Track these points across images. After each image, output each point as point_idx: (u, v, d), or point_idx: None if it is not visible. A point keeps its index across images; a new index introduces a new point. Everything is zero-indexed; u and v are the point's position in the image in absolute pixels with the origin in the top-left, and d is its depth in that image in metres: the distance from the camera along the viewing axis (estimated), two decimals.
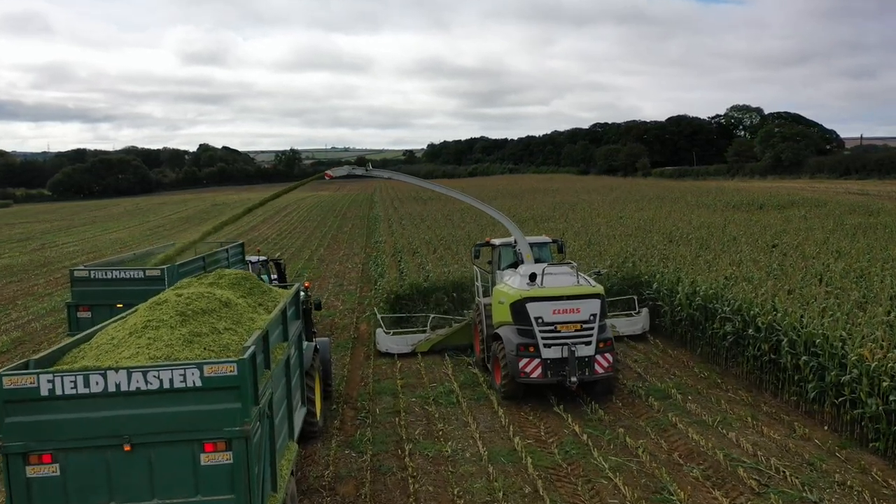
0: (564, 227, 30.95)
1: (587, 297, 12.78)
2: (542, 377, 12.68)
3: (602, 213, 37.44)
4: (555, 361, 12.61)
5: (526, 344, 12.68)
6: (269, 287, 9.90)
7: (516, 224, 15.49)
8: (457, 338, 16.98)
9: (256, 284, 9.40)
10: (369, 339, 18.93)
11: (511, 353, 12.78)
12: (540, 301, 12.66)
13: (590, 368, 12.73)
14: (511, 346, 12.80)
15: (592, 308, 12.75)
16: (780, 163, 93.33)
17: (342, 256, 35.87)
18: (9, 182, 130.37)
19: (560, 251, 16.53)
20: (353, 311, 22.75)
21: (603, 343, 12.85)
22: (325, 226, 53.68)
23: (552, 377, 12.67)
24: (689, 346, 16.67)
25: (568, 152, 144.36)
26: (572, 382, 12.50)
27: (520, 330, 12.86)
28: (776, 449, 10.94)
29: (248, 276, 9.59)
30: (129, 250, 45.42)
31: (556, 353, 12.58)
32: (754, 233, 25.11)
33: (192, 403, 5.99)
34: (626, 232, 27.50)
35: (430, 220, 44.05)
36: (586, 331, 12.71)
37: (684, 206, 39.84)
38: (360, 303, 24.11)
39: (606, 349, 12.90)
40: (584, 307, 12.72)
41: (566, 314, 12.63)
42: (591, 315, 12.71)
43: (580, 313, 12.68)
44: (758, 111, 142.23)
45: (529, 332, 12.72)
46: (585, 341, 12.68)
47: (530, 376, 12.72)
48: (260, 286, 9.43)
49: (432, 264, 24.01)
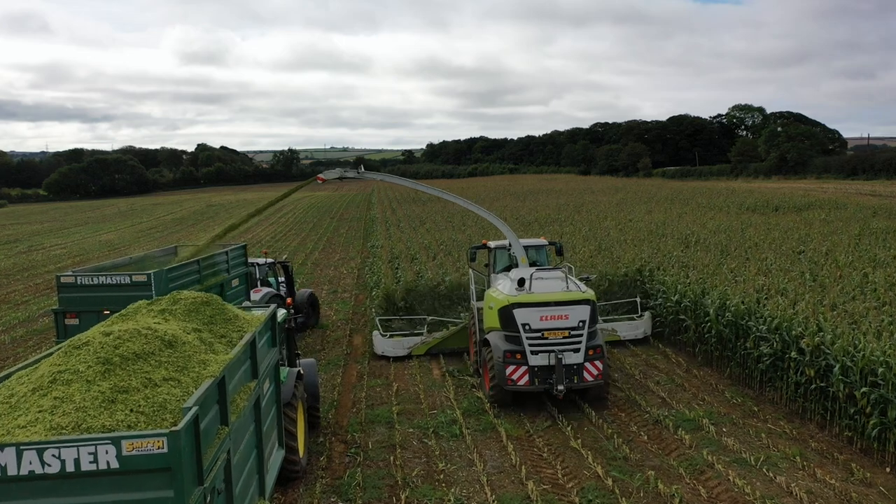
0: (571, 231, 29.32)
1: (576, 303, 12.44)
2: (530, 384, 12.43)
3: (610, 216, 35.77)
4: (542, 369, 12.36)
5: (513, 351, 12.42)
6: (237, 312, 8.27)
7: (510, 227, 15.12)
8: (453, 341, 16.70)
9: (220, 310, 7.78)
10: (364, 354, 17.33)
11: (498, 360, 12.52)
12: (527, 307, 12.38)
13: (578, 376, 12.41)
14: (498, 353, 12.54)
15: (581, 314, 12.41)
16: (786, 163, 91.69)
17: (337, 261, 34.24)
18: (5, 182, 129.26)
19: (559, 254, 16.19)
20: (348, 321, 21.15)
21: (592, 350, 12.48)
22: (320, 228, 52.02)
23: (539, 385, 12.43)
24: (715, 366, 15.07)
25: (568, 152, 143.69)
26: (559, 391, 12.25)
27: (507, 336, 12.62)
28: (835, 498, 9.34)
29: (210, 299, 7.95)
30: (117, 253, 43.90)
31: (544, 361, 12.31)
32: (776, 237, 23.46)
33: (106, 492, 4.38)
34: (637, 236, 25.87)
35: (430, 222, 42.41)
36: (574, 338, 12.38)
37: (696, 208, 38.14)
38: (356, 312, 22.50)
39: (596, 356, 12.50)
40: (573, 313, 12.40)
41: (554, 320, 12.36)
42: (579, 322, 12.39)
43: (568, 320, 12.38)
44: (760, 111, 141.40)
45: (517, 339, 12.46)
46: (574, 348, 12.35)
47: (517, 384, 12.45)
48: (224, 312, 7.81)
49: (431, 272, 22.40)
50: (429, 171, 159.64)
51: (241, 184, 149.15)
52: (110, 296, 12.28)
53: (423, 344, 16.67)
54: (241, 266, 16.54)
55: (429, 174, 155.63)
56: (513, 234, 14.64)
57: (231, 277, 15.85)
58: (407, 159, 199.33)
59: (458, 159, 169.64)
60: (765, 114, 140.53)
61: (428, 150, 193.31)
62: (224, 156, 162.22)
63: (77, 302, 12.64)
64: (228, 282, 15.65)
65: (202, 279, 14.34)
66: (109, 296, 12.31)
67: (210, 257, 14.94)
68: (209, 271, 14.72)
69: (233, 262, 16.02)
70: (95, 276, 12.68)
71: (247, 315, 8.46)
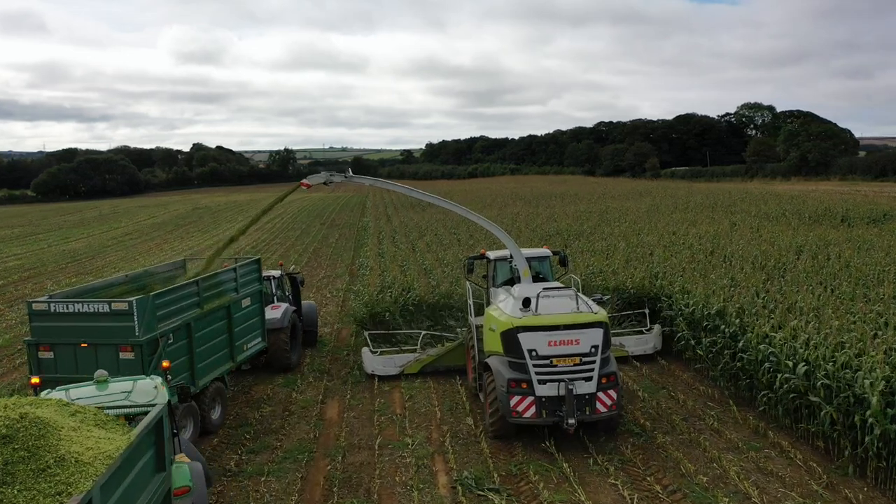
0: (604, 249, 24.12)
1: (588, 327, 11.37)
2: (537, 417, 11.31)
3: (645, 227, 30.35)
4: (550, 399, 11.24)
5: (518, 379, 11.30)
6: (71, 452, 4.96)
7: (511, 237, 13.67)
8: (449, 358, 15.63)
9: (30, 451, 4.83)
10: (338, 442, 12.21)
11: (501, 390, 11.38)
12: (534, 331, 11.31)
13: (591, 407, 11.30)
14: (501, 381, 11.40)
15: (594, 339, 11.35)
16: (806, 163, 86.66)
17: (322, 280, 29.14)
18: None
19: (563, 264, 15.25)
20: (322, 374, 16.04)
21: (606, 378, 11.36)
22: (308, 236, 46.81)
23: (548, 417, 11.30)
24: (808, 442, 10.01)
25: (572, 152, 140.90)
26: (570, 424, 11.08)
27: (511, 363, 11.50)
28: None
29: (16, 434, 4.86)
30: (77, 266, 38.84)
31: (553, 391, 11.21)
32: (879, 261, 18.16)
33: None
34: (692, 256, 20.69)
35: (430, 234, 37.03)
36: (587, 365, 11.30)
37: (745, 218, 32.59)
38: (334, 357, 17.36)
39: (610, 385, 11.36)
40: (585, 338, 11.33)
41: (564, 346, 11.29)
42: (592, 347, 11.33)
43: (580, 345, 11.31)
44: (770, 109, 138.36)
45: (522, 366, 11.34)
46: (586, 377, 11.27)
47: (523, 416, 11.32)
48: (38, 455, 4.85)
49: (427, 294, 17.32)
50: (428, 171, 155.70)
51: (237, 184, 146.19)
52: (88, 326, 10.72)
53: (417, 362, 15.57)
54: (253, 284, 14.56)
55: (428, 174, 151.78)
56: (514, 245, 13.35)
57: (241, 297, 13.83)
58: (406, 159, 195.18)
59: (459, 159, 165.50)
60: (774, 112, 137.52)
61: (427, 150, 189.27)
62: (219, 155, 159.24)
63: (51, 332, 11.00)
64: (237, 303, 13.69)
65: (202, 302, 12.42)
66: (87, 326, 10.73)
67: (212, 276, 13.15)
68: (211, 293, 12.80)
69: (243, 279, 14.08)
70: (71, 304, 11.03)
71: (92, 446, 5.19)
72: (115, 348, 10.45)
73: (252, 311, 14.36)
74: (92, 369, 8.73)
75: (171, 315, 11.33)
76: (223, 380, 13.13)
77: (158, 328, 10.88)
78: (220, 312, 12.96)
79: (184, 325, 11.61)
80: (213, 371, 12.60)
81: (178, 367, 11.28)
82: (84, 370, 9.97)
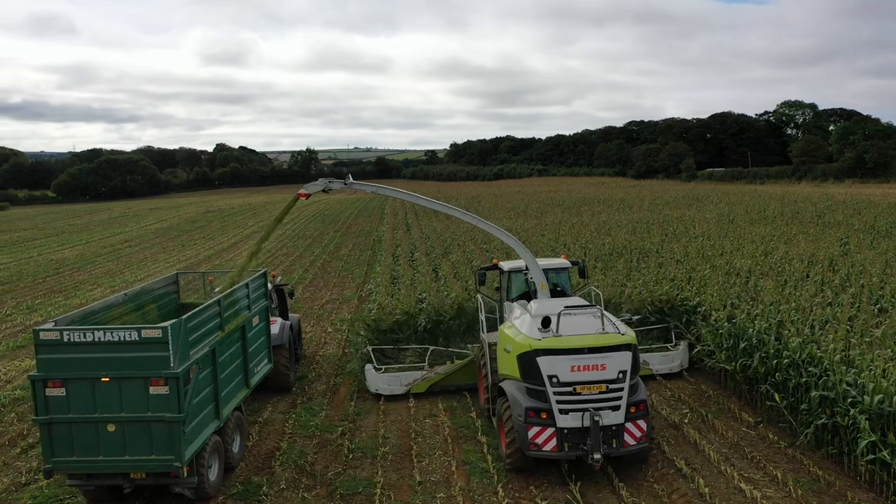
0: (686, 273, 18.67)
1: (615, 349, 10.20)
2: (558, 450, 10.17)
3: (727, 245, 24.56)
4: (573, 431, 10.12)
5: (537, 409, 10.19)
6: None
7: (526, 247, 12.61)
8: (458, 377, 14.46)
9: None
10: None
11: (518, 420, 10.32)
12: (555, 354, 10.17)
13: (618, 440, 10.17)
14: (519, 410, 10.33)
15: (622, 363, 10.20)
16: (863, 164, 79.98)
17: (328, 301, 24.19)
18: (19, 183, 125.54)
19: (582, 275, 13.91)
20: (312, 435, 11.03)
21: (635, 407, 10.24)
22: (319, 245, 41.87)
23: (570, 451, 10.16)
24: None
25: (602, 152, 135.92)
26: (595, 460, 9.94)
27: (529, 390, 10.40)
28: None
29: None
30: (61, 278, 34.50)
31: (576, 422, 10.08)
32: None
33: None
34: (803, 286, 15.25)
35: (458, 249, 31.35)
36: (614, 392, 10.16)
37: (851, 232, 26.93)
38: (322, 434, 12.36)
39: (639, 414, 10.26)
40: (612, 362, 10.16)
41: (588, 371, 10.15)
42: (619, 373, 10.19)
43: (606, 370, 10.16)
44: (812, 107, 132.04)
45: (541, 394, 10.23)
46: (613, 406, 10.14)
47: (542, 449, 10.19)
48: None
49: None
50: (452, 171, 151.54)
51: (258, 185, 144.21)
52: (111, 357, 9.24)
53: (425, 380, 14.58)
54: (262, 300, 13.45)
55: (452, 175, 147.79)
56: (530, 255, 12.51)
57: (252, 315, 12.65)
58: (430, 160, 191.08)
59: (483, 159, 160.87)
60: (816, 110, 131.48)
61: (451, 150, 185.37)
62: (242, 156, 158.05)
63: (64, 365, 9.39)
64: (249, 321, 12.44)
65: (224, 324, 11.09)
66: (109, 357, 9.24)
67: (230, 294, 11.93)
68: (230, 312, 11.52)
69: (254, 294, 12.98)
70: (89, 332, 9.36)
71: None
72: (144, 382, 9.16)
73: (261, 329, 13.22)
74: (113, 407, 8.87)
75: (199, 340, 10.09)
76: (241, 408, 11.78)
77: (190, 357, 9.61)
78: (237, 333, 11.79)
79: (209, 351, 10.33)
80: (233, 400, 11.30)
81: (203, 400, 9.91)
82: (104, 408, 9.14)
